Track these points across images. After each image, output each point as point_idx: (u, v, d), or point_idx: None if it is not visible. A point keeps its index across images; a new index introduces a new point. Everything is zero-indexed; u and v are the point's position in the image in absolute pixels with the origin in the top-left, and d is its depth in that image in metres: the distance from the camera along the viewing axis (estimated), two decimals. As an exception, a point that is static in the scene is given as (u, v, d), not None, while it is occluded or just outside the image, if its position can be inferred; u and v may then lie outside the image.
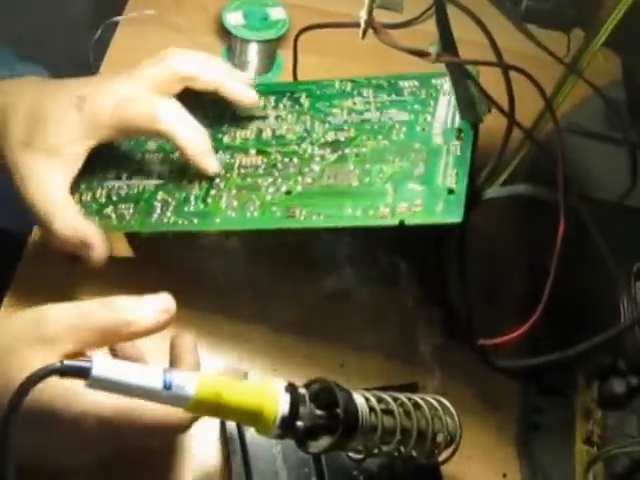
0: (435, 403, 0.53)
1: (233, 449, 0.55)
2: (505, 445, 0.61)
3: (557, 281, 0.53)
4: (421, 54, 0.52)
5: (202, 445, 0.58)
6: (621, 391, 0.58)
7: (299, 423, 0.45)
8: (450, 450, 0.53)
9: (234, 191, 0.60)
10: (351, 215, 0.56)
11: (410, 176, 0.58)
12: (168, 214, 0.60)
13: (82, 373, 0.40)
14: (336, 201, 0.57)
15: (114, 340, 0.52)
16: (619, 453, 0.56)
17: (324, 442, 0.46)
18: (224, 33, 0.80)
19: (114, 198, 0.62)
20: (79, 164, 0.60)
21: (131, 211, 0.61)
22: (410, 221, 0.54)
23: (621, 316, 0.57)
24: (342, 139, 0.62)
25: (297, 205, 0.58)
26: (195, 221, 0.60)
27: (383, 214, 0.55)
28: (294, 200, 0.58)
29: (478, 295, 0.58)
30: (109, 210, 0.61)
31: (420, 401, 0.52)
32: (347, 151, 0.61)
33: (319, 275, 0.65)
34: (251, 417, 0.44)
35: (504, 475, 0.60)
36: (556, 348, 0.55)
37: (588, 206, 0.53)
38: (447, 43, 0.53)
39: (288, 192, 0.59)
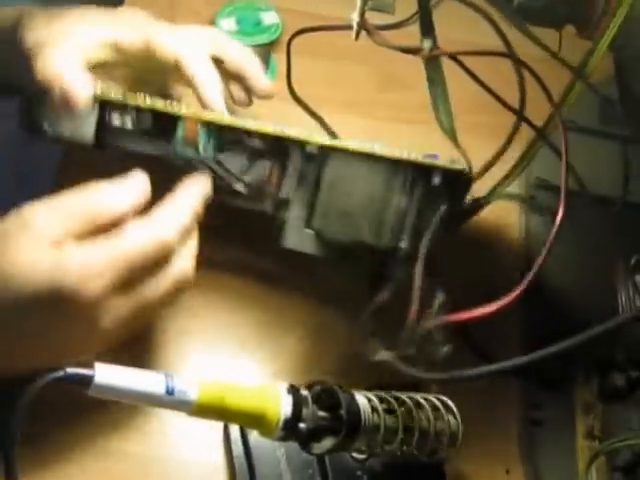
0: (437, 402, 0.53)
1: (237, 452, 0.56)
2: (507, 442, 0.62)
3: (555, 274, 0.53)
4: (414, 51, 0.52)
5: (206, 449, 0.59)
6: (621, 384, 0.58)
7: (302, 425, 0.45)
8: (453, 448, 0.54)
9: None
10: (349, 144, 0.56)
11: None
12: (159, 99, 0.59)
13: (84, 381, 0.40)
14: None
15: (97, 224, 0.52)
16: (621, 447, 0.56)
17: (327, 443, 0.47)
18: (217, 38, 0.81)
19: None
20: (89, 50, 0.59)
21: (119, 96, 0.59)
22: (414, 158, 0.55)
23: (620, 309, 0.57)
24: None
25: None
26: (183, 109, 0.58)
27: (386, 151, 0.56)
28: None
29: (478, 294, 0.58)
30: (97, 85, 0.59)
31: (422, 400, 0.52)
32: None
33: (316, 279, 0.65)
34: (254, 420, 0.45)
35: (507, 472, 0.60)
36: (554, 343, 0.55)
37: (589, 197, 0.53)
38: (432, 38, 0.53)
39: None
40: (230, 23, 0.79)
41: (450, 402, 0.54)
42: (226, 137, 0.59)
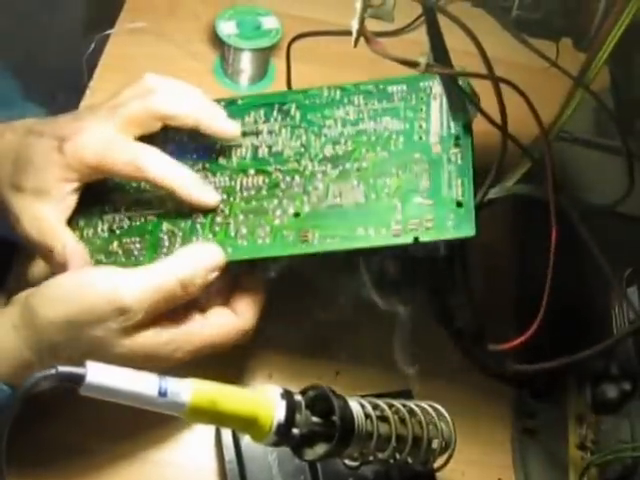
0: (430, 409, 0.53)
1: (228, 457, 0.56)
2: (499, 451, 0.62)
3: (550, 287, 0.53)
4: (411, 64, 0.52)
5: (198, 453, 0.59)
6: (614, 396, 0.58)
7: (295, 430, 0.45)
8: (445, 456, 0.53)
9: (241, 217, 0.59)
10: (364, 235, 0.55)
11: (416, 189, 0.57)
12: (177, 246, 0.58)
13: (76, 380, 0.40)
14: (346, 222, 0.57)
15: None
16: (612, 459, 0.56)
17: (320, 449, 0.46)
18: (217, 42, 0.81)
19: (117, 232, 0.60)
20: (71, 202, 0.59)
21: (138, 246, 0.59)
22: (424, 238, 0.54)
23: (613, 321, 0.58)
24: (341, 153, 0.62)
25: (308, 228, 0.57)
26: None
27: (396, 232, 0.55)
28: (304, 222, 0.57)
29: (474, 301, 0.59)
30: (114, 246, 0.59)
31: (415, 408, 0.52)
32: (348, 166, 0.60)
33: (317, 282, 0.65)
34: (247, 424, 0.45)
35: (499, 481, 0.61)
36: (549, 353, 0.56)
37: (579, 212, 0.53)
38: (438, 52, 0.53)
39: (296, 214, 0.58)
40: (230, 27, 0.79)
41: (443, 410, 0.54)
42: None
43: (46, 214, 0.58)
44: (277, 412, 0.45)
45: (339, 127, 0.64)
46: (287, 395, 0.46)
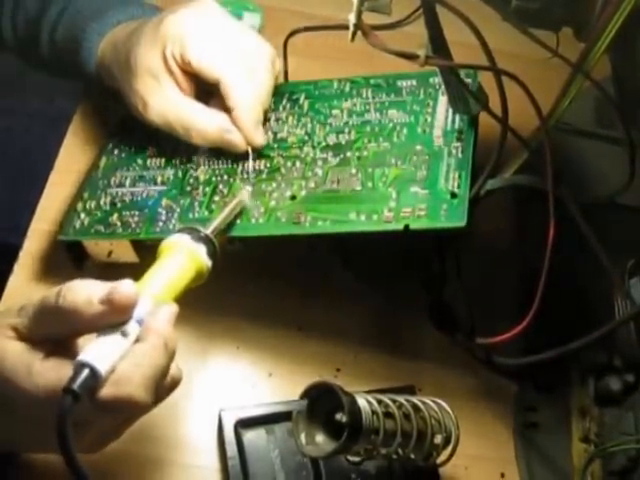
0: (433, 405, 0.53)
1: (231, 454, 0.55)
2: (502, 445, 0.61)
3: (552, 279, 0.53)
4: (410, 57, 0.51)
5: (199, 450, 0.58)
6: (617, 388, 0.58)
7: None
8: (448, 451, 0.53)
9: None
10: (355, 220, 0.56)
11: (413, 179, 0.57)
12: (173, 221, 0.59)
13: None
14: (340, 206, 0.57)
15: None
16: (616, 451, 0.56)
17: (328, 447, 0.47)
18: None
19: (118, 205, 0.61)
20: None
21: (136, 219, 0.60)
22: (415, 226, 0.54)
23: (616, 313, 0.57)
24: (343, 142, 0.62)
25: (302, 210, 0.57)
26: None
27: (387, 219, 0.55)
28: (298, 205, 0.58)
29: (473, 293, 0.58)
30: (114, 218, 0.60)
31: (418, 403, 0.52)
32: (349, 154, 0.61)
33: (316, 280, 0.65)
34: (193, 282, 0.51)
35: (502, 475, 0.60)
36: (551, 346, 0.55)
37: (579, 204, 0.53)
38: (437, 44, 0.53)
39: (292, 197, 0.59)
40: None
41: (446, 405, 0.54)
42: None
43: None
44: (203, 258, 0.51)
45: (345, 117, 0.64)
46: (191, 233, 0.51)
